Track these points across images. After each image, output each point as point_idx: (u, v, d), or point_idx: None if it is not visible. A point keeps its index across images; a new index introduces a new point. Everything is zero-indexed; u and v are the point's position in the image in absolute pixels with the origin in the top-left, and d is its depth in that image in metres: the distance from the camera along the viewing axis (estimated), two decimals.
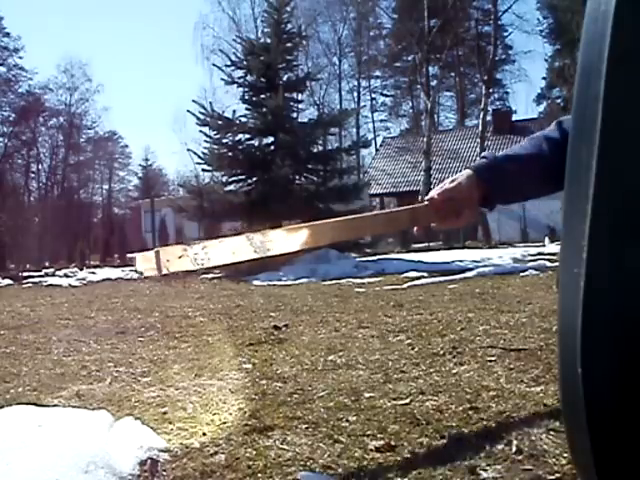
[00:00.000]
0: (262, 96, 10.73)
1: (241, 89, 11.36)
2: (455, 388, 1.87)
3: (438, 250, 12.50)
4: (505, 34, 26.35)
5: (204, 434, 1.55)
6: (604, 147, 0.53)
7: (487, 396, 1.77)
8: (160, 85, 62.95)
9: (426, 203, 1.31)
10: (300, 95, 12.14)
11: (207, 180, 13.71)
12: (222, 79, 11.43)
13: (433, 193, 1.30)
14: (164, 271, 1.11)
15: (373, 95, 34.46)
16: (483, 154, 1.33)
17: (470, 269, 6.56)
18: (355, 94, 32.90)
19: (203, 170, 12.83)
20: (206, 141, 10.86)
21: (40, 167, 34.49)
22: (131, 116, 59.68)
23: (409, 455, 1.36)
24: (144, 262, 1.11)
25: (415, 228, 1.39)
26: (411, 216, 1.35)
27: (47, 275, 10.83)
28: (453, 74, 32.23)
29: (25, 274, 11.41)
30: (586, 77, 0.56)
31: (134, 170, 41.02)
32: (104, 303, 5.38)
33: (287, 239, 1.34)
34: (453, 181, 1.28)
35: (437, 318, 3.35)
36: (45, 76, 44.02)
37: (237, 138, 10.85)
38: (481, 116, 21.00)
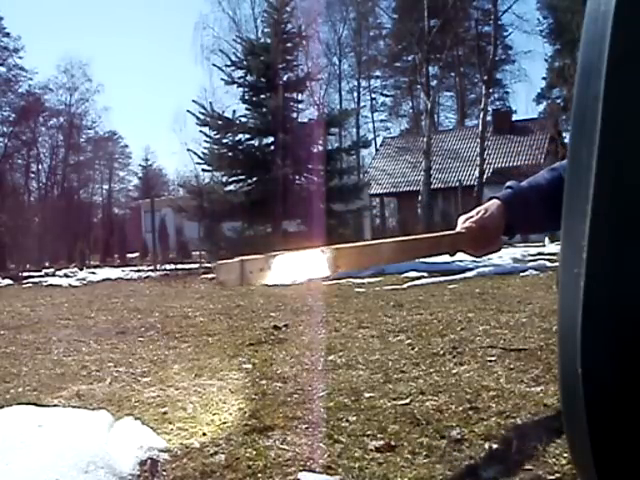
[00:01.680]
0: (262, 96, 10.76)
1: (241, 89, 11.40)
2: (455, 388, 1.87)
3: None
4: (505, 34, 26.33)
5: (204, 434, 1.55)
6: (604, 147, 0.53)
7: (487, 396, 1.77)
8: (160, 85, 62.84)
9: (464, 231, 1.35)
10: (300, 95, 12.17)
11: (207, 180, 13.70)
12: (222, 79, 11.47)
13: (468, 222, 1.34)
14: (245, 283, 1.08)
15: (373, 95, 34.46)
16: (508, 184, 1.36)
17: (470, 269, 6.55)
18: (355, 94, 32.90)
19: (203, 170, 12.86)
20: (206, 141, 10.89)
21: (40, 167, 34.49)
22: (131, 116, 59.53)
23: (409, 455, 1.36)
24: (227, 273, 1.07)
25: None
26: (452, 242, 1.39)
27: (47, 275, 10.83)
28: (453, 74, 32.20)
29: (25, 274, 11.40)
30: (586, 77, 0.56)
31: (134, 170, 41.01)
32: (104, 303, 5.38)
33: (353, 258, 1.31)
34: (486, 211, 1.32)
35: (437, 318, 3.35)
36: (45, 76, 43.87)
37: (237, 138, 10.88)
38: (481, 116, 20.96)
